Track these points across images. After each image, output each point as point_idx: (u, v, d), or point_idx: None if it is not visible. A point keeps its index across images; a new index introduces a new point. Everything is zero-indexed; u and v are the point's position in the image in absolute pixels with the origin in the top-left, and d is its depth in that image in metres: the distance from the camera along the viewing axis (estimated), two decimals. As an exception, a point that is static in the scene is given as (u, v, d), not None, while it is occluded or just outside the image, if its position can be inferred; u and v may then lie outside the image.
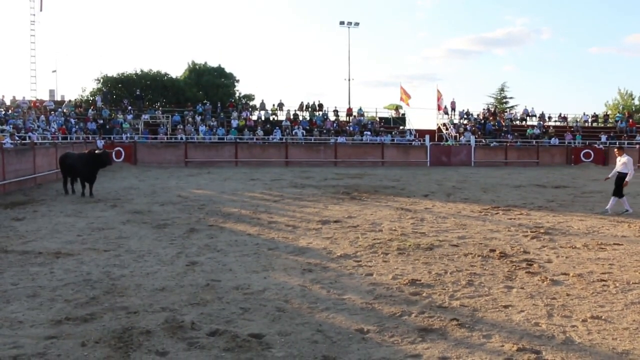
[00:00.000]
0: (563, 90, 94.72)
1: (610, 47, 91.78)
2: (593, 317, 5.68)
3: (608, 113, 51.04)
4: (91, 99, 41.31)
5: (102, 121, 35.02)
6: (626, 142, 38.54)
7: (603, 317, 5.67)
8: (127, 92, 42.73)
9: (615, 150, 14.61)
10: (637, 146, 36.19)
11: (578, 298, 6.37)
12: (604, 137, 39.89)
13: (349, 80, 48.90)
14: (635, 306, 6.05)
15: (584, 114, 45.22)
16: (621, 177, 13.44)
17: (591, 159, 36.46)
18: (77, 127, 33.51)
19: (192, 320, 5.44)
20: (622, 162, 13.62)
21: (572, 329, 5.34)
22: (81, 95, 42.54)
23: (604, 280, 7.12)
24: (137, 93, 40.61)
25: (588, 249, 9.11)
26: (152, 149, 32.41)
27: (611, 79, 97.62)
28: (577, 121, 44.38)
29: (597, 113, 46.63)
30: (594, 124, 45.26)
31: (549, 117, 44.45)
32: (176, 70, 75.08)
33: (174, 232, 10.37)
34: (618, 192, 13.46)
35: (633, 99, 58.91)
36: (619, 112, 52.28)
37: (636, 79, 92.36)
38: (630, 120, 43.53)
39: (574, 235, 10.44)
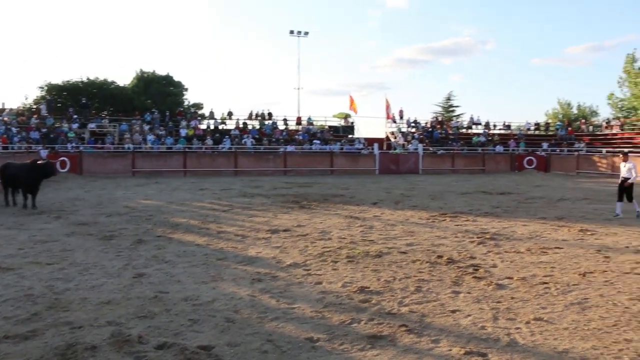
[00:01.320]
0: (507, 99, 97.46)
1: (551, 59, 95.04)
2: (536, 318, 5.85)
3: (549, 121, 52.77)
4: (34, 107, 40.13)
5: (45, 130, 33.99)
6: (566, 149, 39.93)
7: (545, 319, 5.85)
8: (73, 100, 41.71)
9: (621, 155, 15.15)
10: (576, 153, 37.54)
11: (522, 301, 6.55)
12: (545, 145, 41.23)
13: (299, 89, 49.16)
14: (574, 307, 6.27)
15: (527, 122, 46.66)
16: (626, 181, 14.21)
17: (534, 165, 37.62)
18: (19, 136, 32.41)
19: (140, 334, 5.33)
20: (627, 167, 14.36)
21: (517, 331, 5.48)
22: (24, 104, 41.30)
23: (545, 283, 7.35)
24: (83, 101, 39.65)
25: (531, 253, 9.38)
26: (99, 159, 31.69)
27: (552, 89, 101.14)
28: (520, 129, 45.73)
29: (538, 121, 48.19)
30: (536, 132, 46.72)
31: (494, 125, 45.65)
32: (124, 78, 73.81)
33: (120, 244, 10.15)
34: (620, 196, 14.29)
35: (571, 108, 61.21)
36: (559, 120, 54.20)
37: (574, 89, 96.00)
38: (570, 129, 45.12)
39: (518, 240, 10.73)
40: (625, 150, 19.75)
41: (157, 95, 45.80)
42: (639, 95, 48.74)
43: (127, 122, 37.68)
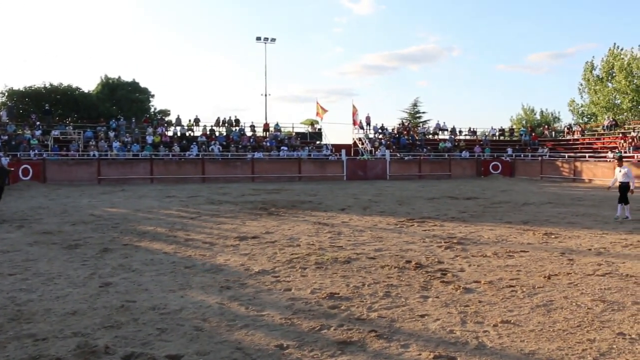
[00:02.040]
0: (472, 105, 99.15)
1: (515, 65, 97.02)
2: (503, 321, 5.93)
3: (513, 127, 53.75)
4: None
5: (6, 137, 33.22)
6: (530, 154, 40.67)
7: (512, 321, 5.93)
8: (35, 106, 40.92)
9: (615, 161, 15.55)
10: (540, 159, 38.24)
11: (489, 304, 6.63)
12: (510, 150, 41.95)
13: (266, 95, 49.12)
14: (540, 309, 6.37)
15: (492, 128, 47.44)
16: (624, 186, 14.60)
17: (499, 170, 38.22)
18: (-22, 143, 31.67)
19: (106, 344, 5.24)
20: (622, 172, 14.78)
21: (484, 334, 5.55)
22: (-18, 110, 40.35)
23: (512, 286, 7.46)
24: (46, 108, 38.89)
25: (497, 257, 9.51)
26: (63, 166, 31.11)
27: (516, 95, 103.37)
28: (485, 135, 46.45)
29: (503, 127, 49.03)
30: (501, 138, 47.51)
31: (460, 131, 46.26)
32: (88, 84, 72.78)
33: (86, 253, 9.98)
34: (624, 199, 14.61)
35: (535, 114, 62.60)
36: (522, 126, 55.29)
37: (537, 95, 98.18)
38: (533, 134, 46.01)
39: (485, 244, 10.87)
40: (619, 155, 20.41)
41: (123, 102, 45.26)
42: (597, 102, 50.03)
43: (92, 128, 37.11)
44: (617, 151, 34.98)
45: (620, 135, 38.81)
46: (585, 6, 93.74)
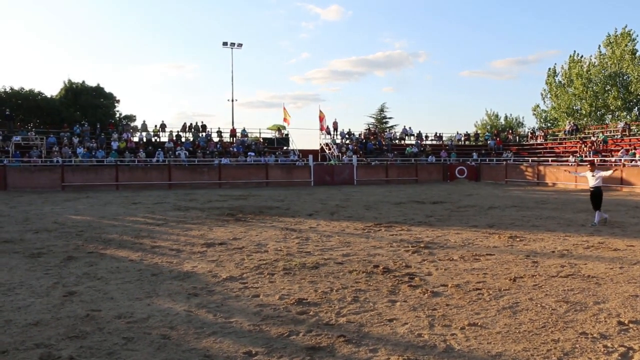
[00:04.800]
0: (438, 110, 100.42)
1: (479, 71, 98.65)
2: (470, 324, 5.99)
3: (478, 132, 54.56)
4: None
5: (-35, 143, 32.44)
6: (495, 159, 41.30)
7: (479, 324, 6.00)
8: (-4, 111, 40.05)
9: (588, 165, 15.33)
10: (504, 163, 38.86)
11: (456, 307, 6.69)
12: (475, 155, 42.54)
13: (232, 101, 48.95)
14: (506, 311, 6.46)
15: (457, 133, 48.02)
16: (597, 192, 14.53)
17: (465, 175, 38.73)
18: None
19: (70, 355, 5.12)
20: (595, 177, 14.60)
21: (452, 337, 5.60)
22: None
23: (479, 289, 7.54)
24: (7, 113, 38.03)
25: (464, 261, 9.62)
26: (25, 173, 30.46)
27: (480, 100, 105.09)
28: (451, 140, 47.02)
29: (468, 132, 49.72)
30: (467, 142, 48.17)
31: (426, 136, 46.74)
32: (51, 89, 71.32)
33: (49, 261, 9.76)
34: (597, 205, 14.53)
35: (499, 119, 63.71)
36: (487, 131, 56.19)
37: (501, 100, 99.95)
38: (498, 139, 46.75)
39: (451, 248, 10.98)
40: (593, 160, 20.68)
41: (87, 107, 44.53)
42: (559, 107, 51.18)
43: (55, 134, 36.43)
44: (578, 155, 35.79)
45: (581, 140, 39.71)
46: (547, 14, 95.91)
